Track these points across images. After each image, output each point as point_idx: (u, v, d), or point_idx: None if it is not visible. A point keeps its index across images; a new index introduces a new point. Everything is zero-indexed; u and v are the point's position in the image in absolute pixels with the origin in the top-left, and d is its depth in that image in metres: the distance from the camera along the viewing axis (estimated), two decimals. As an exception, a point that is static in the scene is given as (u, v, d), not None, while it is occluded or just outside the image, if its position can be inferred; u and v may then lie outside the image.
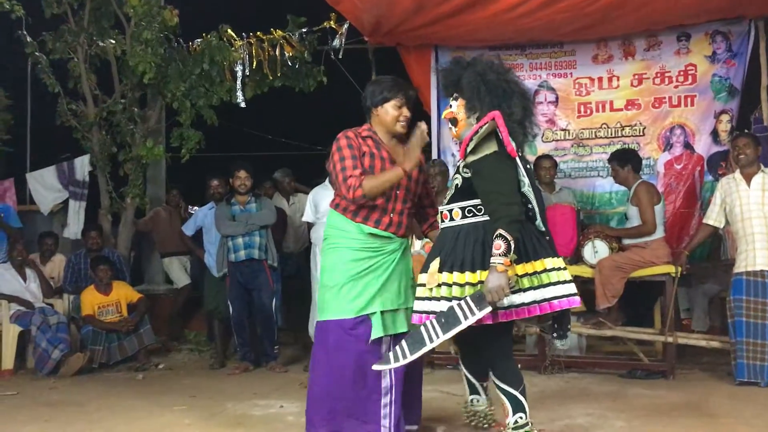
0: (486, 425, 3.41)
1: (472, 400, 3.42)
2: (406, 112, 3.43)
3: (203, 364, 6.48)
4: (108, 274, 6.49)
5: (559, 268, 3.10)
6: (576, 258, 5.61)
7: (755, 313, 4.86)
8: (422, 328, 3.02)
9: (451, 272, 3.05)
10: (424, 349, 3.00)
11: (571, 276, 3.35)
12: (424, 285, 3.17)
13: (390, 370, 3.27)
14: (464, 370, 3.40)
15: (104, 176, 7.43)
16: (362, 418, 3.30)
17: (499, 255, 2.91)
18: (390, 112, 3.41)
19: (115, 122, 7.33)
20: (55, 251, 7.20)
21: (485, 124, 3.04)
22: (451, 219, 3.17)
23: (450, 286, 3.03)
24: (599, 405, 4.36)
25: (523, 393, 3.13)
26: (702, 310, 6.38)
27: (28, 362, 6.39)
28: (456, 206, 3.15)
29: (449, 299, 3.02)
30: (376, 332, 3.31)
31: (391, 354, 3.10)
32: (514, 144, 3.07)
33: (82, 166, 7.59)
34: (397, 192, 3.40)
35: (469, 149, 3.10)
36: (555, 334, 3.26)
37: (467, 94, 3.19)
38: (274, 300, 6.07)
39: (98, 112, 7.32)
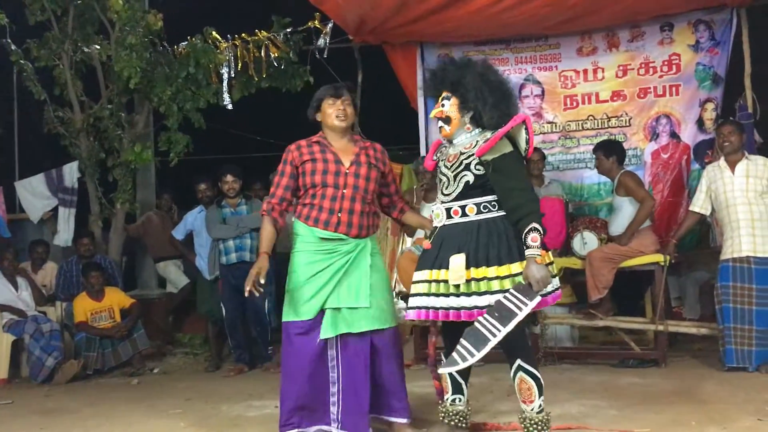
0: (463, 425, 3.44)
1: (454, 400, 3.45)
2: (339, 104, 3.57)
3: (198, 367, 6.49)
4: (100, 281, 6.49)
5: (551, 262, 3.26)
6: (565, 250, 5.64)
7: (742, 298, 4.91)
8: (479, 326, 3.06)
9: (479, 267, 3.13)
10: (490, 345, 3.03)
11: (561, 268, 3.50)
12: (430, 282, 3.23)
13: (336, 365, 3.47)
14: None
15: (93, 182, 7.42)
16: (315, 408, 3.49)
17: (537, 247, 3.06)
18: (326, 111, 3.58)
19: (102, 128, 7.33)
20: (47, 259, 7.22)
21: (515, 125, 3.17)
22: (464, 215, 3.24)
23: (479, 281, 3.12)
24: (592, 394, 4.39)
25: None
26: (693, 298, 6.42)
27: (22, 371, 6.40)
28: (470, 202, 3.23)
29: (481, 294, 3.11)
30: (325, 333, 3.45)
31: (455, 354, 3.09)
32: None
33: (70, 172, 7.56)
34: (344, 191, 3.49)
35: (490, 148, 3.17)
36: (534, 322, 3.42)
37: (468, 93, 3.26)
38: (267, 301, 6.07)
39: (85, 118, 7.30)
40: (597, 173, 6.35)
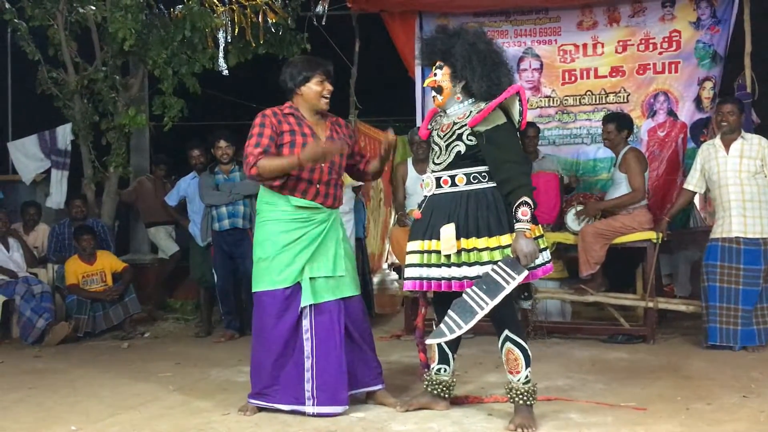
0: (445, 395, 3.47)
1: (439, 370, 3.47)
2: (328, 86, 3.55)
3: (189, 332, 6.50)
4: (91, 244, 6.46)
5: (541, 236, 3.26)
6: (559, 225, 5.63)
7: (728, 278, 4.93)
8: (466, 297, 3.08)
9: (468, 238, 3.14)
10: (477, 317, 3.07)
11: (554, 242, 3.49)
12: (423, 252, 3.24)
13: (311, 337, 3.42)
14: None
15: (86, 145, 7.35)
16: (288, 383, 3.44)
17: (526, 221, 3.07)
18: (314, 89, 3.53)
19: (96, 90, 7.22)
20: (39, 221, 7.17)
21: (509, 96, 3.15)
22: (454, 185, 3.24)
23: (469, 251, 3.14)
24: (580, 368, 4.43)
25: None
26: (685, 277, 6.44)
27: (12, 332, 6.39)
28: (460, 172, 3.22)
29: (470, 264, 3.13)
30: (306, 299, 3.43)
31: (443, 326, 3.13)
32: None
33: (63, 134, 7.49)
34: (322, 165, 3.49)
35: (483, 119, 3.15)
36: (523, 296, 3.43)
37: (456, 63, 3.23)
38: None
39: (79, 80, 7.20)
40: (593, 149, 6.35)
